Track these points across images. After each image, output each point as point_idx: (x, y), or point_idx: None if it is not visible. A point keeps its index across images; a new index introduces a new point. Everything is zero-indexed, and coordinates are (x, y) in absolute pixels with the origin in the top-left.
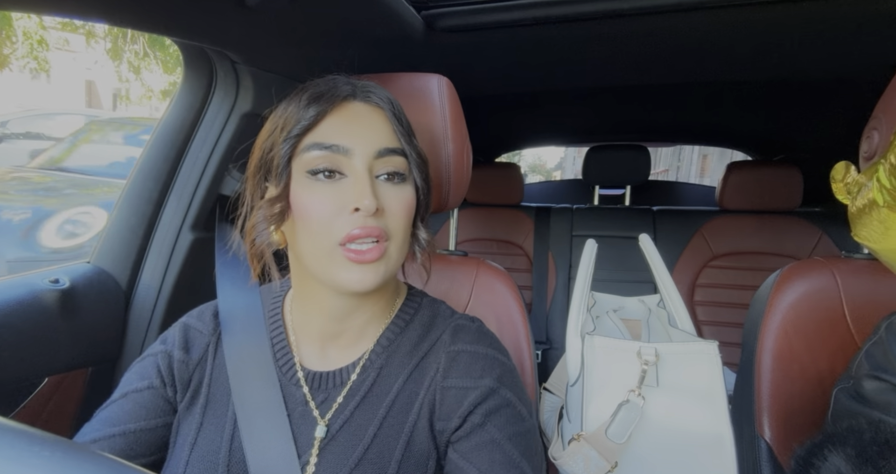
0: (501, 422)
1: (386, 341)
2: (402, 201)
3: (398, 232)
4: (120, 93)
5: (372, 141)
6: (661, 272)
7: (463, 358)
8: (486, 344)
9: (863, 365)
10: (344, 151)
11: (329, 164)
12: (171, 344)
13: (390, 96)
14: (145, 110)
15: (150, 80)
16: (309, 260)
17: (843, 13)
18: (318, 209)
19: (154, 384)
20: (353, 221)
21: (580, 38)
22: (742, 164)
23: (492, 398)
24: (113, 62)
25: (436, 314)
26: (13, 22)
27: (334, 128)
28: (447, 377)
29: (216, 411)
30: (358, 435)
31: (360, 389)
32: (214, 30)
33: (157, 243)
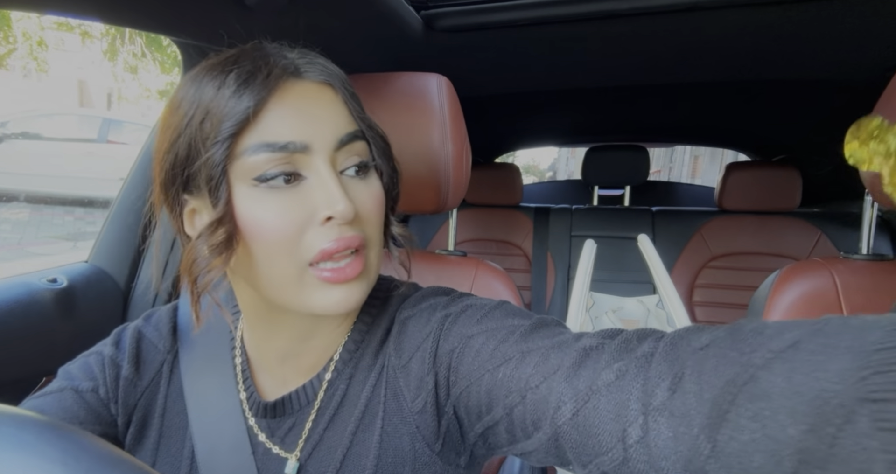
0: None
1: (353, 345)
2: (374, 198)
3: (375, 235)
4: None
5: (330, 128)
6: (660, 272)
7: (409, 323)
8: (430, 293)
9: None
10: (301, 148)
11: (285, 167)
12: (122, 352)
13: (335, 69)
14: (141, 110)
15: (146, 80)
16: (270, 288)
17: (842, 14)
18: (278, 225)
19: (99, 391)
20: (325, 234)
21: (580, 38)
22: (741, 165)
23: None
24: (109, 62)
25: (396, 296)
26: (12, 23)
27: (281, 119)
28: (401, 353)
29: (170, 448)
30: (326, 462)
31: (329, 406)
32: (213, 29)
33: (155, 242)
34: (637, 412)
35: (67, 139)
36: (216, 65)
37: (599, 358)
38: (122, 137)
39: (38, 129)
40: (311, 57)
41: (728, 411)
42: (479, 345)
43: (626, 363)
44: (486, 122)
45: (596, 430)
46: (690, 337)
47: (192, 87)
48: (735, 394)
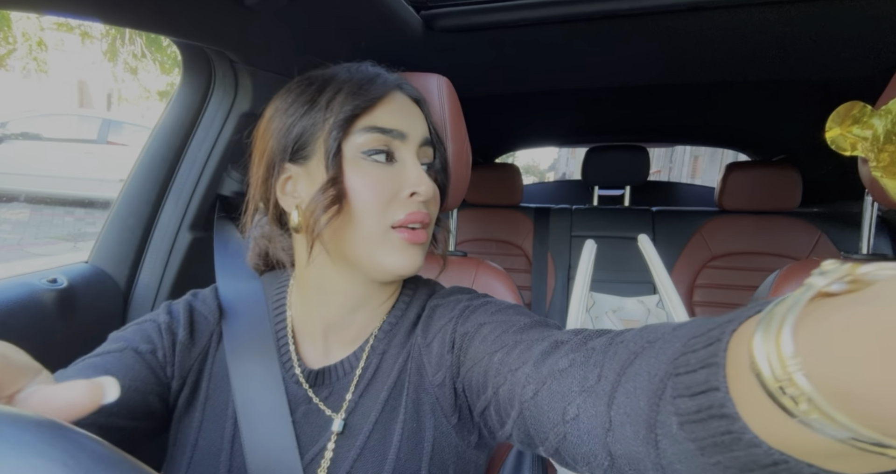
0: (482, 313)
1: (388, 326)
2: (433, 188)
3: (433, 220)
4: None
5: (419, 130)
6: (660, 272)
7: (438, 309)
8: (457, 290)
9: None
10: (400, 136)
11: (385, 147)
12: (176, 320)
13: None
14: (141, 110)
15: (146, 81)
16: (353, 244)
17: (842, 14)
18: (375, 190)
19: (157, 353)
20: (408, 205)
21: (580, 38)
22: (741, 165)
23: (468, 309)
24: (109, 63)
25: (432, 293)
26: (12, 23)
27: (389, 113)
28: (427, 333)
29: (216, 409)
30: (359, 425)
31: (365, 377)
32: (213, 29)
33: (155, 243)
34: (575, 394)
35: (67, 140)
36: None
37: (562, 350)
38: (122, 138)
39: (37, 130)
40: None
41: (617, 389)
42: (487, 332)
43: (577, 355)
44: (486, 122)
45: (547, 408)
46: (623, 334)
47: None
48: (621, 375)
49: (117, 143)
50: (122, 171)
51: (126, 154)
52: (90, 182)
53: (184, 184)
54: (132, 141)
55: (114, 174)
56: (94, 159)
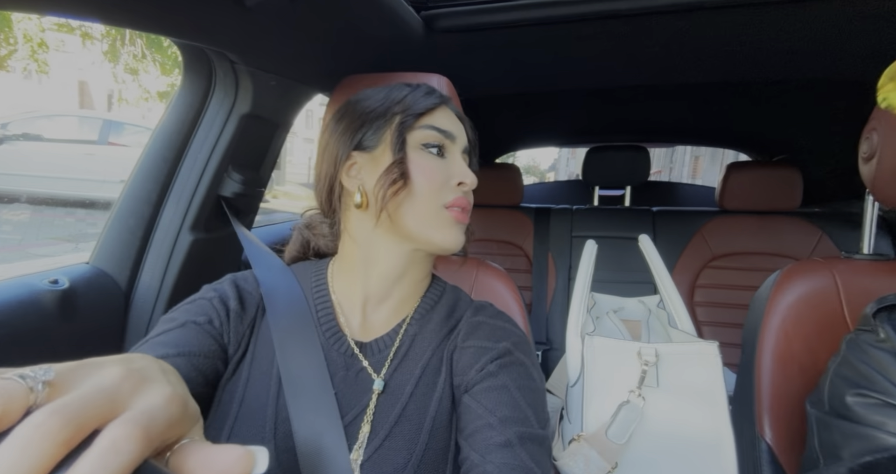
0: (513, 374)
1: (419, 314)
2: (475, 182)
3: (471, 208)
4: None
5: (463, 137)
6: (661, 273)
7: (483, 328)
8: (504, 319)
9: (837, 386)
10: (451, 137)
11: (440, 143)
12: (224, 294)
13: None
14: (141, 111)
15: (147, 82)
16: (411, 218)
17: (842, 13)
18: (433, 176)
19: (214, 322)
20: (457, 191)
21: (580, 39)
22: (742, 165)
23: (507, 356)
24: (109, 64)
25: (459, 297)
26: (13, 24)
27: (444, 118)
28: (467, 340)
29: (261, 368)
30: (396, 395)
31: (399, 353)
32: (214, 30)
33: (156, 244)
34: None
35: (68, 141)
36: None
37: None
38: (123, 139)
39: (38, 131)
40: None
41: None
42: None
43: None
44: (486, 123)
45: None
46: None
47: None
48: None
49: (118, 144)
50: (122, 172)
51: (127, 155)
52: (91, 183)
53: (185, 185)
54: (133, 142)
55: (115, 175)
56: (95, 160)
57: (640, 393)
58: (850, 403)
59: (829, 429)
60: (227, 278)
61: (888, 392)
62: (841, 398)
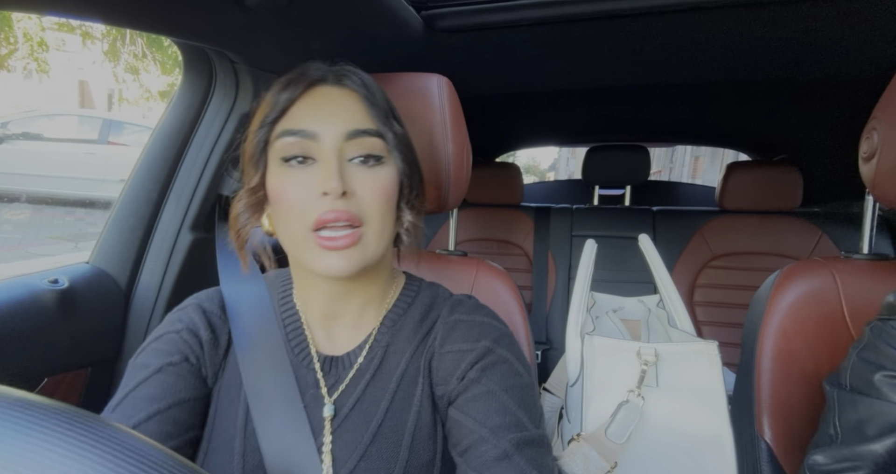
0: (497, 376)
1: (390, 322)
2: (376, 184)
3: (374, 217)
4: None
5: (341, 123)
6: (661, 272)
7: (460, 327)
8: (482, 313)
9: (860, 369)
10: (312, 136)
11: (300, 151)
12: (193, 325)
13: (366, 78)
14: (142, 111)
15: (147, 81)
16: (287, 246)
17: (842, 13)
18: (291, 195)
19: (190, 359)
20: (322, 205)
21: (580, 39)
22: (742, 165)
23: (488, 356)
24: (110, 63)
25: (436, 295)
26: (13, 23)
27: (303, 113)
28: (444, 344)
29: (229, 397)
30: (370, 412)
31: (370, 368)
32: (214, 30)
33: (156, 243)
34: None
35: (68, 140)
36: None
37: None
38: (123, 139)
39: (38, 130)
40: (346, 71)
41: None
42: (484, 409)
43: None
44: (487, 122)
45: None
46: None
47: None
48: None
49: (118, 144)
50: (122, 171)
51: (127, 154)
52: (91, 182)
53: (185, 185)
54: (133, 141)
55: (114, 174)
56: (95, 159)
57: (639, 393)
58: (876, 382)
59: (854, 405)
60: (190, 303)
61: None
62: (866, 378)
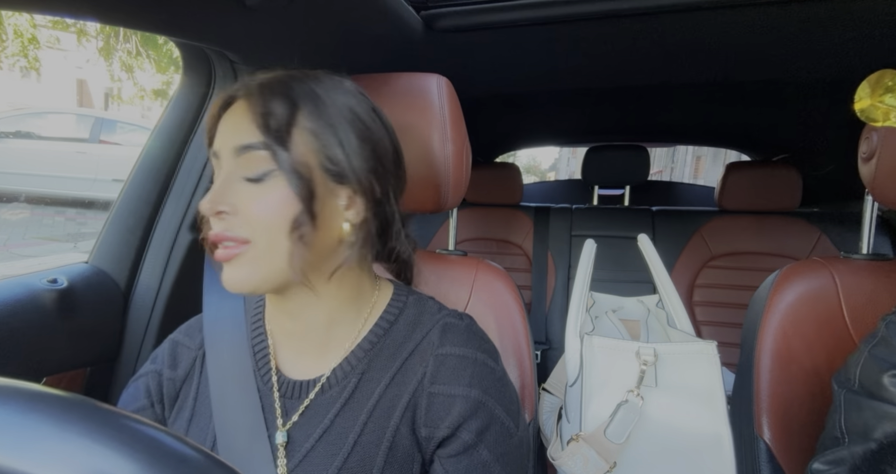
0: (492, 442)
1: (368, 344)
2: (259, 202)
3: (258, 234)
4: (112, 92)
5: (231, 139)
6: (660, 272)
7: (450, 362)
8: (475, 346)
9: (871, 366)
10: (216, 154)
11: (216, 170)
12: (160, 362)
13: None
14: (137, 109)
15: (142, 80)
16: None
17: (842, 13)
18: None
19: (145, 405)
20: (212, 225)
21: (580, 38)
22: (741, 165)
23: (481, 412)
24: (105, 61)
25: (422, 311)
26: (3, 19)
27: (218, 131)
28: (434, 382)
29: (199, 425)
30: (337, 445)
31: (340, 397)
32: (214, 30)
33: (155, 244)
34: None
35: (59, 138)
36: None
37: None
38: (115, 138)
39: (29, 128)
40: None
41: None
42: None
43: None
44: (487, 122)
45: None
46: None
47: None
48: None
49: (110, 142)
50: (114, 171)
51: (119, 154)
52: (81, 181)
53: (184, 185)
54: (126, 140)
55: (106, 173)
56: (86, 158)
57: (638, 393)
58: (885, 383)
59: (859, 409)
60: (169, 339)
61: None
62: (875, 378)
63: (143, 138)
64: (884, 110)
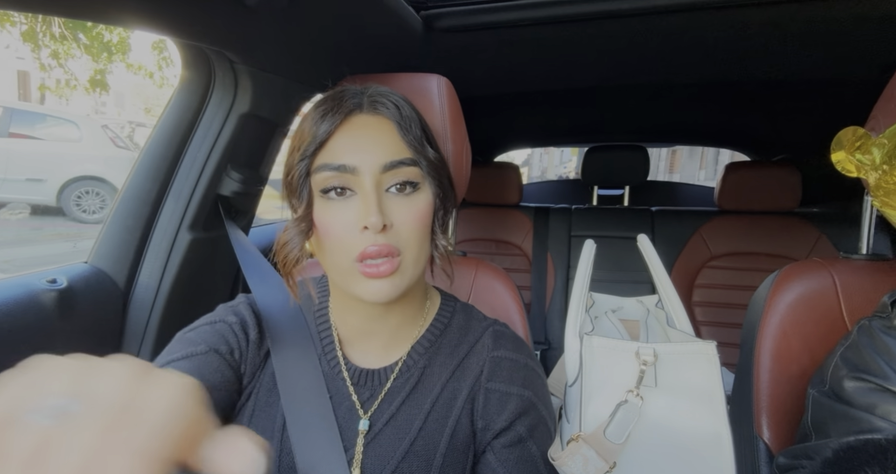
0: (539, 439)
1: (427, 342)
2: (413, 213)
3: (411, 244)
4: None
5: (379, 155)
6: (660, 272)
7: (506, 365)
8: (525, 353)
9: (840, 368)
10: (351, 170)
11: (339, 183)
12: (245, 321)
13: (400, 101)
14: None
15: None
16: (332, 273)
17: (841, 13)
18: (334, 227)
19: (234, 354)
20: (364, 239)
21: (580, 38)
22: (741, 165)
23: (533, 412)
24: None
25: (470, 317)
26: None
27: (341, 145)
28: (491, 380)
29: (269, 400)
30: (404, 430)
31: (405, 387)
32: (213, 30)
33: (154, 244)
34: None
35: None
36: (314, 105)
37: None
38: (39, 132)
39: None
40: (379, 95)
41: None
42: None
43: None
44: (486, 122)
45: None
46: None
47: (300, 121)
48: None
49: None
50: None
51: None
52: None
53: (183, 185)
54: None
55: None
56: None
57: (638, 393)
58: (846, 386)
59: (821, 408)
60: (242, 300)
61: (886, 377)
62: (840, 380)
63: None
64: (856, 164)
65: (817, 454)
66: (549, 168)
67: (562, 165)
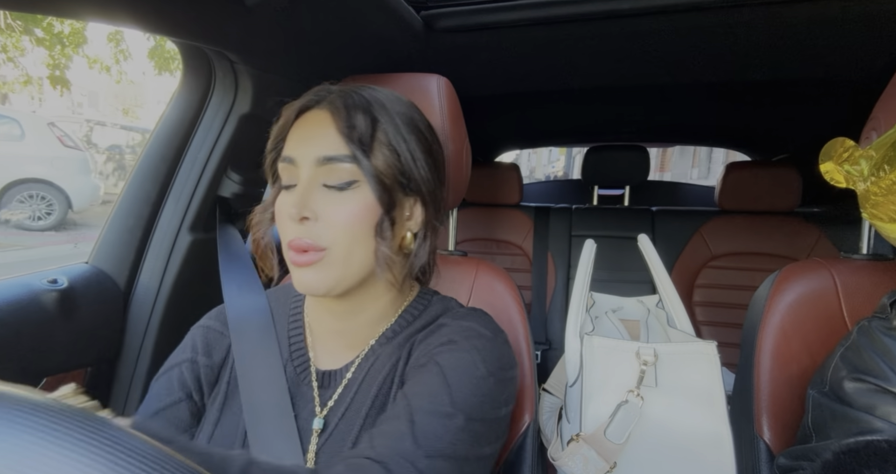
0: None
1: (391, 333)
2: (343, 209)
3: (338, 241)
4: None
5: (314, 149)
6: (660, 272)
7: (444, 329)
8: (473, 319)
9: (840, 368)
10: (292, 162)
11: (288, 175)
12: (193, 351)
13: (362, 100)
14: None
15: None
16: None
17: (842, 13)
18: (279, 216)
19: (180, 397)
20: (293, 229)
21: (580, 39)
22: (741, 165)
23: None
24: None
25: (446, 308)
26: None
27: (292, 138)
28: (423, 340)
29: (232, 408)
30: (354, 420)
31: (358, 379)
32: (213, 30)
33: (155, 244)
34: None
35: None
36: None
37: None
38: None
39: None
40: (351, 92)
41: None
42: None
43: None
44: (486, 122)
45: None
46: None
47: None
48: None
49: None
50: None
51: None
52: None
53: (184, 185)
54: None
55: None
56: None
57: (638, 393)
58: (846, 387)
59: (821, 409)
60: (198, 327)
61: (886, 378)
62: (840, 381)
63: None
64: (844, 175)
65: (817, 456)
66: (537, 167)
67: (550, 165)
